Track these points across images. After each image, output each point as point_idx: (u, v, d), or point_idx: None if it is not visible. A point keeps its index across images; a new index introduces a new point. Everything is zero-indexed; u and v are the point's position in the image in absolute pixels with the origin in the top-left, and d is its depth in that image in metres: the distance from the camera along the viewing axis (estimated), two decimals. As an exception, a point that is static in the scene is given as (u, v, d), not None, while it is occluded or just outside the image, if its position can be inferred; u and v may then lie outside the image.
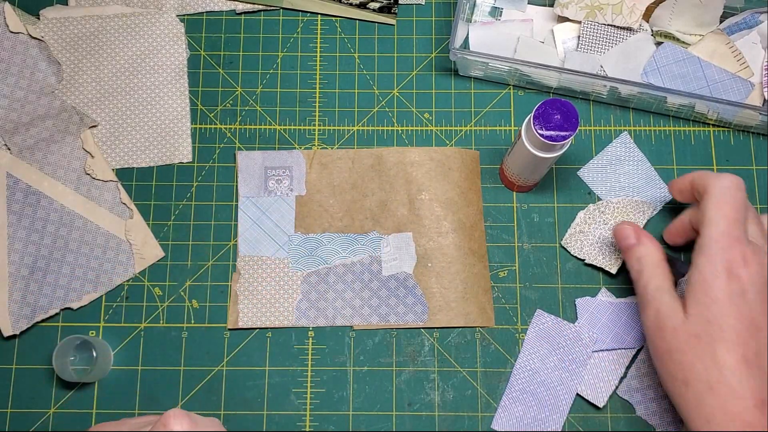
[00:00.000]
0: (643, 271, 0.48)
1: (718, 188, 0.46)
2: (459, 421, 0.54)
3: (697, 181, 0.48)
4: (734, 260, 0.44)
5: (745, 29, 0.60)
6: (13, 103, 0.60)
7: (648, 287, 0.48)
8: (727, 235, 0.45)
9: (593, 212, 0.56)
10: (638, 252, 0.49)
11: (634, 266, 0.49)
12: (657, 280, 0.48)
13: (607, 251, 0.55)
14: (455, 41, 0.56)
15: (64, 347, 0.53)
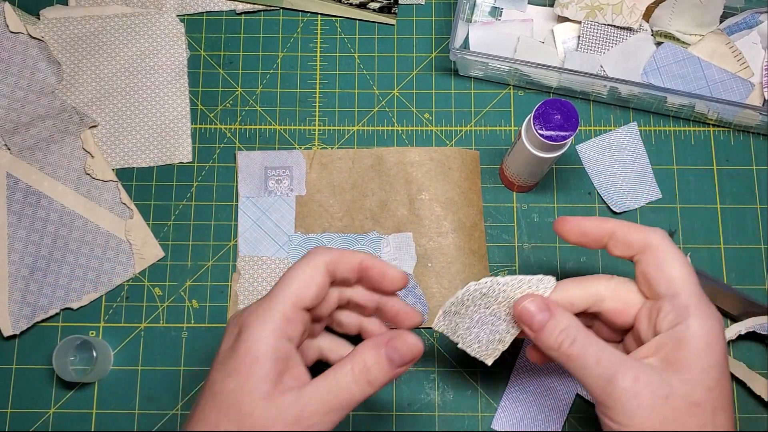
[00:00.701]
0: (577, 340, 0.40)
1: (667, 243, 0.41)
2: (459, 421, 0.54)
3: (628, 236, 0.42)
4: (721, 320, 0.39)
5: (745, 29, 0.60)
6: (13, 103, 0.60)
7: (601, 356, 0.39)
8: (703, 296, 0.40)
9: (473, 293, 0.44)
10: (559, 324, 0.40)
11: (561, 341, 0.40)
12: (601, 343, 0.40)
13: (485, 339, 0.45)
14: (455, 41, 0.56)
15: (64, 347, 0.53)
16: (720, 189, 0.59)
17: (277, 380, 0.38)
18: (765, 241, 0.58)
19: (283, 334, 0.39)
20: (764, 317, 0.54)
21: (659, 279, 0.40)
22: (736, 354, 0.55)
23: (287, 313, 0.39)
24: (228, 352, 0.39)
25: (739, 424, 0.54)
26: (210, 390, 0.38)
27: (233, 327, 0.40)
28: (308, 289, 0.40)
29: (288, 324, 0.39)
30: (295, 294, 0.40)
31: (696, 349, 0.38)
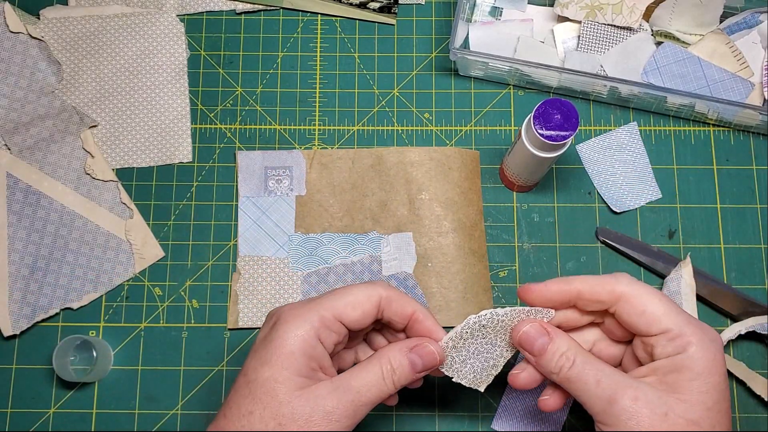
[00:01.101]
0: (577, 362, 0.40)
1: (636, 286, 0.41)
2: (459, 421, 0.54)
3: (596, 293, 0.42)
4: (719, 341, 0.40)
5: (745, 29, 0.60)
6: (13, 102, 0.60)
7: (601, 377, 0.40)
8: (693, 320, 0.40)
9: (473, 326, 0.43)
10: (560, 347, 0.41)
11: (561, 365, 0.41)
12: (600, 364, 0.40)
13: (479, 367, 0.45)
14: (455, 41, 0.56)
15: (65, 347, 0.53)
16: (720, 189, 0.59)
17: (311, 375, 0.40)
18: (765, 241, 0.58)
19: (317, 336, 0.40)
20: (764, 317, 0.54)
21: (647, 322, 0.40)
22: (736, 354, 0.56)
23: (326, 319, 0.41)
24: (262, 342, 0.41)
25: (738, 424, 0.54)
26: (244, 377, 0.40)
27: (270, 319, 0.42)
28: (353, 311, 0.42)
29: (323, 329, 0.41)
30: (340, 309, 0.41)
31: (695, 374, 0.38)
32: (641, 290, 0.41)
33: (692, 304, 0.54)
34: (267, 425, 0.38)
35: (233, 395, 0.40)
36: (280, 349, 0.39)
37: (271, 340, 0.40)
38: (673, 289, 0.55)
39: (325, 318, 0.41)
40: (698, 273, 0.56)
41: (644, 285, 0.41)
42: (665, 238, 0.58)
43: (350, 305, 0.41)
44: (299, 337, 0.40)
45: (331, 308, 0.41)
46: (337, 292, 0.42)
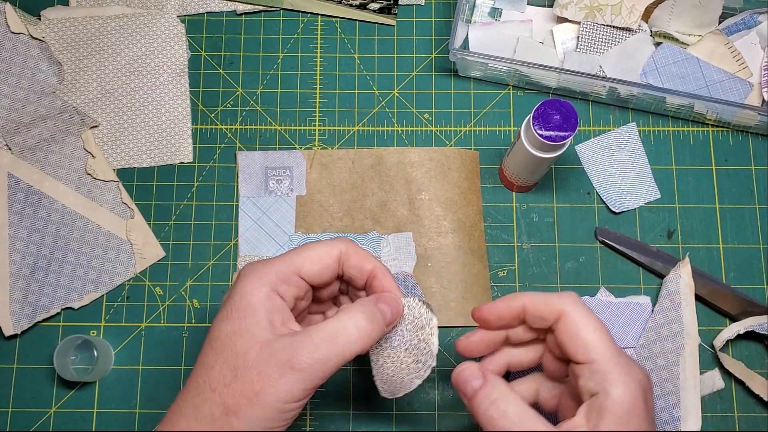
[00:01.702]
0: (509, 414, 0.39)
1: (579, 308, 0.41)
2: (459, 421, 0.55)
3: (540, 310, 0.42)
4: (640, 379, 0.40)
5: (744, 30, 0.60)
6: (14, 103, 0.60)
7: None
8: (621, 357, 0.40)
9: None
10: (491, 393, 0.40)
11: (491, 414, 0.40)
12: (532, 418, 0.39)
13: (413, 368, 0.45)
14: (455, 42, 0.56)
15: (65, 347, 0.53)
16: (719, 189, 0.59)
17: (270, 328, 0.39)
18: (764, 241, 0.58)
19: (274, 289, 0.40)
20: (763, 317, 0.54)
21: (576, 346, 0.40)
22: (735, 354, 0.56)
23: (283, 273, 0.41)
24: (224, 300, 0.41)
25: (738, 424, 0.54)
26: (208, 336, 0.41)
27: (235, 281, 0.42)
28: (312, 265, 0.42)
29: (281, 283, 0.41)
30: (298, 263, 0.42)
31: (617, 417, 0.38)
32: (581, 314, 0.40)
33: (691, 304, 0.54)
34: (225, 377, 0.38)
35: (199, 355, 0.41)
36: (238, 303, 0.40)
37: (231, 297, 0.40)
38: (672, 289, 0.55)
39: (282, 272, 0.41)
40: (697, 273, 0.56)
41: (587, 310, 0.41)
42: (664, 238, 0.58)
43: (309, 259, 0.42)
44: (257, 289, 0.40)
45: (290, 262, 0.41)
46: (298, 248, 0.43)
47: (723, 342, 0.54)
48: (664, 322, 0.54)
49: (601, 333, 0.40)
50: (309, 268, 0.42)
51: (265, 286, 0.40)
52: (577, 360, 0.40)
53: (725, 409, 0.54)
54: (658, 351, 0.54)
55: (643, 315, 0.55)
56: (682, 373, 0.53)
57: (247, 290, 0.40)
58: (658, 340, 0.54)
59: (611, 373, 0.39)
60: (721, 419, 0.54)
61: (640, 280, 0.57)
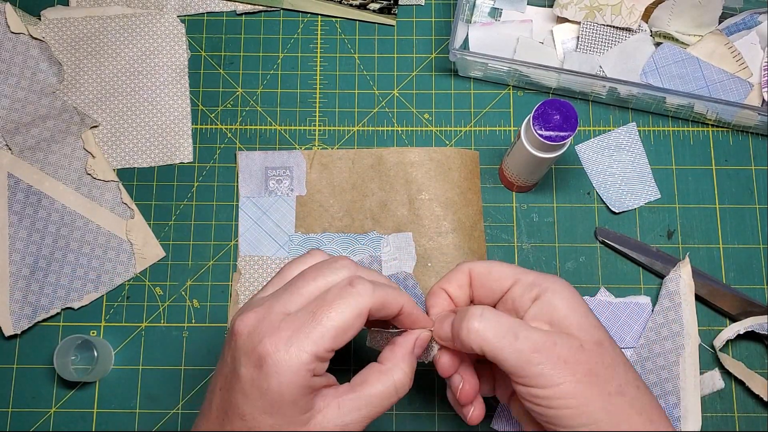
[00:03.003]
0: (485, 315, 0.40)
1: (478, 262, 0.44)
2: (459, 421, 0.55)
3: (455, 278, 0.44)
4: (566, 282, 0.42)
5: (744, 30, 0.60)
6: (14, 103, 0.60)
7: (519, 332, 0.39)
8: (532, 272, 0.43)
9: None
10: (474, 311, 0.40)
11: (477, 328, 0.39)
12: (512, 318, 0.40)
13: None
14: (455, 42, 0.56)
15: (65, 347, 0.53)
16: (719, 189, 0.59)
17: (311, 406, 0.38)
18: (764, 241, 0.58)
19: (313, 373, 0.38)
20: (763, 317, 0.54)
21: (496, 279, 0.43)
22: (735, 354, 0.56)
23: (320, 354, 0.37)
24: (253, 387, 0.37)
25: (738, 424, 0.54)
26: (242, 421, 0.37)
27: (250, 350, 0.37)
28: (345, 335, 0.38)
29: (318, 363, 0.38)
30: (331, 339, 0.37)
31: (567, 306, 0.40)
32: (485, 262, 0.44)
33: (691, 304, 0.54)
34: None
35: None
36: (279, 401, 0.37)
37: (266, 391, 0.37)
38: (672, 289, 0.55)
39: (318, 355, 0.37)
40: (697, 273, 0.56)
41: (486, 261, 0.44)
42: (664, 238, 0.58)
43: (341, 333, 0.38)
44: (297, 383, 0.37)
45: (321, 341, 0.37)
46: (320, 316, 0.38)
47: (723, 342, 0.54)
48: (664, 322, 0.54)
49: (507, 264, 0.43)
50: (340, 341, 0.38)
51: (304, 376, 0.37)
52: (505, 288, 0.42)
53: (725, 409, 0.54)
54: (658, 351, 0.54)
55: (643, 315, 0.55)
56: (682, 373, 0.53)
57: (285, 385, 0.37)
58: (658, 340, 0.54)
59: (537, 279, 0.41)
60: (721, 419, 0.54)
61: (640, 280, 0.57)
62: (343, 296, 0.38)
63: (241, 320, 0.38)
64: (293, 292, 0.39)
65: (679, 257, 0.57)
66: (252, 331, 0.38)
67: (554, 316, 0.40)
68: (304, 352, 0.37)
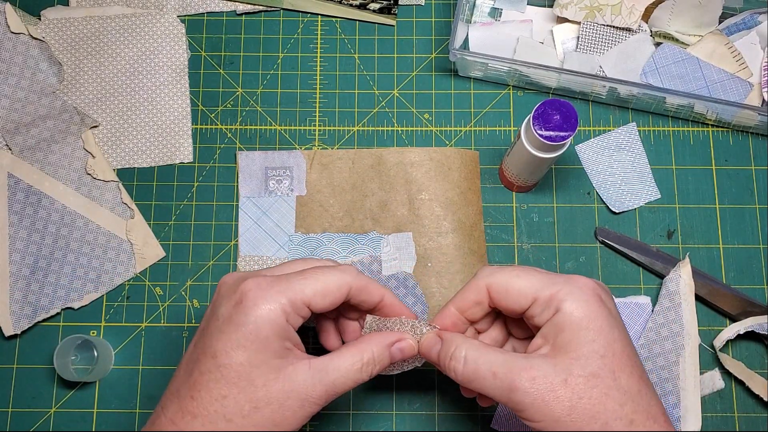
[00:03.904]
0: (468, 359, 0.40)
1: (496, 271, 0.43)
2: (459, 421, 0.55)
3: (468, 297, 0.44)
4: (592, 287, 0.40)
5: (744, 30, 0.60)
6: (14, 103, 0.60)
7: (496, 369, 0.39)
8: (559, 277, 0.41)
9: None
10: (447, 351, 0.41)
11: (453, 366, 0.41)
12: (493, 355, 0.40)
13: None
14: (455, 42, 0.56)
15: (65, 347, 0.53)
16: (719, 189, 0.59)
17: (284, 354, 0.39)
18: (764, 241, 0.58)
19: (287, 318, 0.40)
20: (763, 317, 0.54)
21: (514, 300, 0.41)
22: (735, 354, 0.56)
23: (295, 304, 0.40)
24: (230, 322, 0.39)
25: (738, 424, 0.54)
26: (213, 360, 0.39)
27: (232, 292, 0.40)
28: (323, 300, 0.41)
29: (292, 313, 0.40)
30: (309, 296, 0.40)
31: (576, 326, 0.39)
32: (502, 273, 0.42)
33: (691, 304, 0.54)
34: (242, 408, 0.38)
35: (200, 378, 0.39)
36: (254, 333, 0.38)
37: (242, 324, 0.39)
38: (672, 289, 0.55)
39: (294, 303, 0.40)
40: (697, 273, 0.56)
41: (504, 267, 0.42)
42: (664, 238, 0.58)
43: (320, 294, 0.41)
44: (272, 321, 0.39)
45: (301, 293, 0.40)
46: (306, 274, 0.41)
47: (723, 342, 0.54)
48: (664, 322, 0.54)
49: (527, 273, 0.41)
50: (318, 302, 0.41)
51: (280, 316, 0.39)
52: (525, 307, 0.41)
53: (725, 409, 0.54)
54: (658, 351, 0.54)
55: (643, 315, 0.55)
56: (682, 373, 0.53)
57: (262, 319, 0.39)
58: (658, 340, 0.54)
59: (557, 294, 0.40)
60: (721, 419, 0.54)
61: (640, 280, 0.57)
62: (330, 268, 0.42)
63: (228, 275, 0.42)
64: (282, 267, 0.43)
65: (679, 257, 0.57)
66: (236, 279, 0.41)
67: (558, 338, 0.39)
68: (282, 294, 0.39)
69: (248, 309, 0.39)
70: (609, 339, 0.38)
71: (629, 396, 0.38)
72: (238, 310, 0.39)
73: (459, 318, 0.44)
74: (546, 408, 0.37)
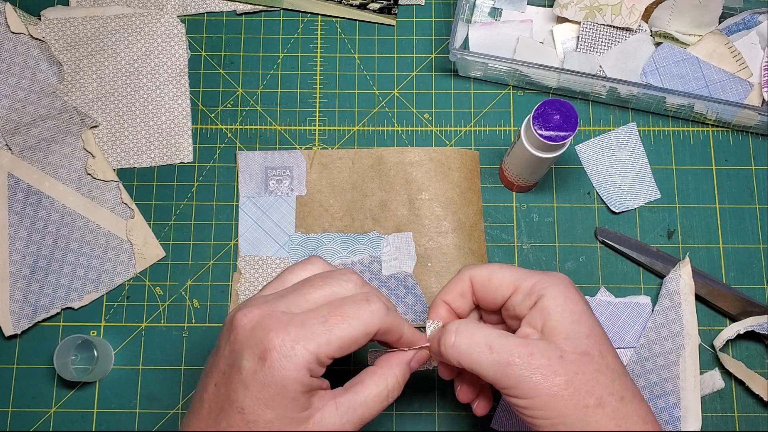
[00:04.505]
0: (461, 330, 0.41)
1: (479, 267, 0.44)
2: (459, 421, 0.55)
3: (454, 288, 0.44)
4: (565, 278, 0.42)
5: (744, 29, 0.60)
6: (14, 103, 0.60)
7: (492, 341, 0.39)
8: (534, 272, 0.43)
9: None
10: (447, 341, 0.41)
11: (446, 339, 0.41)
12: (487, 329, 0.41)
13: None
14: (455, 42, 0.56)
15: (65, 347, 0.53)
16: (719, 189, 0.59)
17: (310, 404, 0.38)
18: (764, 241, 0.58)
19: (312, 373, 0.38)
20: (763, 317, 0.54)
21: (495, 288, 0.43)
22: (735, 353, 0.56)
23: (321, 359, 0.38)
24: (255, 379, 0.37)
25: (738, 424, 0.54)
26: (240, 415, 0.37)
27: (253, 343, 0.38)
28: (350, 347, 0.39)
29: (318, 366, 0.38)
30: (336, 348, 0.38)
31: (560, 312, 0.40)
32: (484, 266, 0.44)
33: (691, 304, 0.54)
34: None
35: (230, 430, 0.38)
36: (281, 394, 0.37)
37: (269, 384, 0.37)
38: (672, 289, 0.55)
39: (320, 358, 0.38)
40: (697, 273, 0.56)
41: (486, 263, 0.44)
42: (664, 238, 0.58)
43: (347, 344, 0.38)
44: (298, 380, 0.37)
45: (327, 346, 0.38)
46: (331, 322, 0.38)
47: (723, 342, 0.54)
48: (664, 322, 0.54)
49: (508, 267, 0.43)
50: (344, 352, 0.39)
51: (306, 375, 0.37)
52: (506, 296, 0.42)
53: (725, 409, 0.54)
54: (658, 351, 0.54)
55: (643, 315, 0.55)
56: (682, 373, 0.53)
57: (288, 380, 0.37)
58: (658, 340, 0.54)
59: (536, 284, 0.41)
60: (721, 419, 0.54)
61: (640, 280, 0.57)
62: (358, 311, 0.39)
63: (244, 314, 0.39)
64: (299, 296, 0.40)
65: (679, 257, 0.57)
66: (256, 326, 0.38)
67: (546, 323, 0.40)
68: (308, 351, 0.37)
69: (274, 370, 0.37)
70: (591, 323, 0.40)
71: (617, 374, 0.39)
72: (262, 367, 0.37)
73: (449, 310, 0.45)
74: (544, 382, 0.38)
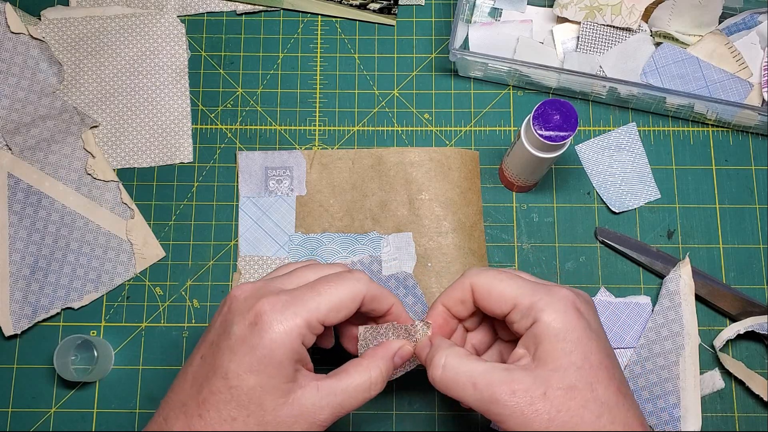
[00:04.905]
0: (447, 366, 0.41)
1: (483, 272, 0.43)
2: (459, 421, 0.55)
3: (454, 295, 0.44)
4: (571, 299, 0.41)
5: (744, 30, 0.60)
6: (14, 103, 0.60)
7: (476, 380, 0.39)
8: (541, 287, 0.42)
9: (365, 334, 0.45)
10: (430, 357, 0.42)
11: (432, 375, 0.41)
12: (473, 364, 0.40)
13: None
14: (455, 42, 0.56)
15: (65, 347, 0.53)
16: (719, 189, 0.59)
17: (296, 381, 0.39)
18: (764, 241, 0.58)
19: (302, 340, 0.39)
20: (763, 317, 0.54)
21: (496, 302, 0.42)
22: (735, 354, 0.56)
23: (312, 323, 0.39)
24: (243, 343, 0.38)
25: (738, 424, 0.54)
26: (224, 381, 0.38)
27: (246, 310, 0.39)
28: (338, 313, 0.41)
29: (307, 333, 0.40)
30: (325, 311, 0.40)
31: (554, 338, 0.39)
32: (487, 274, 0.42)
33: (691, 304, 0.54)
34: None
35: (210, 397, 0.38)
36: (268, 357, 0.38)
37: (257, 347, 0.38)
38: (672, 289, 0.55)
39: (310, 323, 0.39)
40: (697, 273, 0.56)
41: (491, 270, 0.43)
42: (664, 238, 0.58)
43: (334, 309, 0.40)
44: (286, 344, 0.38)
45: (316, 311, 0.39)
46: (319, 289, 0.40)
47: (723, 342, 0.54)
48: (664, 322, 0.54)
49: (512, 279, 0.42)
50: (333, 317, 0.40)
51: (296, 340, 0.38)
52: (505, 312, 0.42)
53: (725, 409, 0.54)
54: (658, 351, 0.54)
55: (643, 315, 0.55)
56: (682, 373, 0.53)
57: (276, 343, 0.38)
58: (658, 340, 0.54)
59: (537, 303, 0.40)
60: (721, 419, 0.54)
61: (640, 280, 0.57)
62: (343, 278, 0.41)
63: (239, 287, 0.41)
64: (292, 276, 0.43)
65: (679, 257, 0.57)
66: (249, 296, 0.40)
67: (538, 349, 0.39)
68: (298, 316, 0.39)
69: (263, 332, 0.38)
70: (586, 351, 0.39)
71: (606, 407, 0.38)
72: (252, 331, 0.38)
73: (447, 314, 0.45)
74: (525, 421, 0.38)
